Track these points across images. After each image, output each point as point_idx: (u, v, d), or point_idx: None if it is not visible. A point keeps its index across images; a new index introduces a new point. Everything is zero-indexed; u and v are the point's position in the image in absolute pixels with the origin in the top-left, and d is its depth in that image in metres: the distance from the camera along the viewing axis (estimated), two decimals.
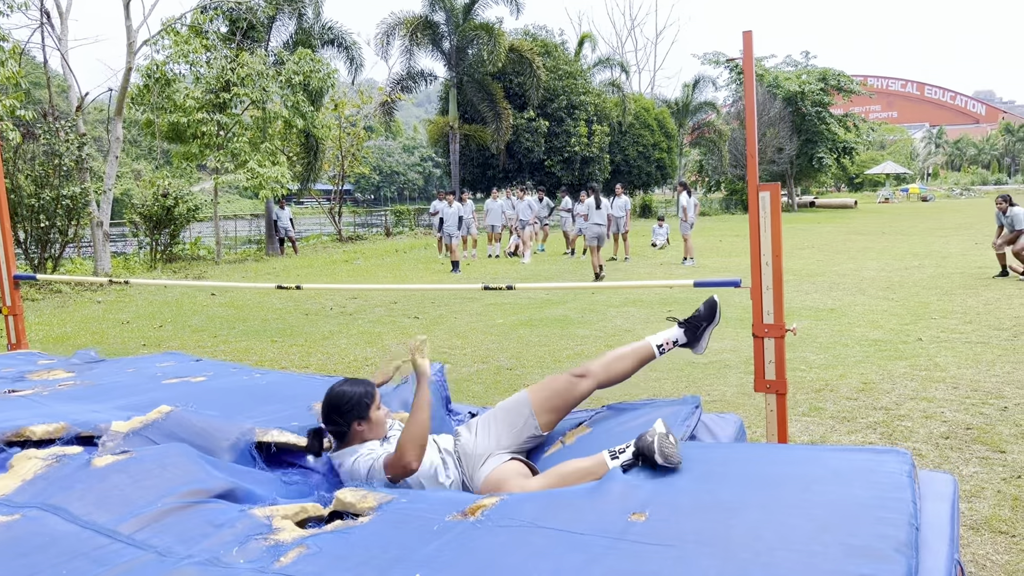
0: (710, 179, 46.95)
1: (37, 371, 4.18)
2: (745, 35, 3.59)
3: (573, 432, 3.24)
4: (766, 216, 3.43)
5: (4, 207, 5.35)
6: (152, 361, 4.47)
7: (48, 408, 3.24)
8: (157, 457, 2.53)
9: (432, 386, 3.20)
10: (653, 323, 9.42)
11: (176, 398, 3.43)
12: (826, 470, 2.37)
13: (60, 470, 2.48)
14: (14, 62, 12.73)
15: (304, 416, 3.30)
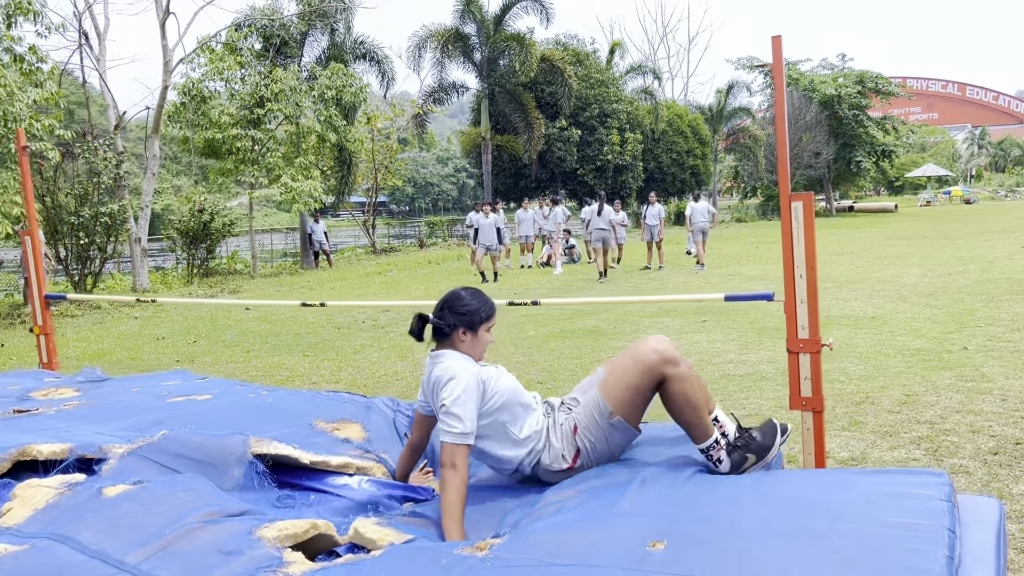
0: (746, 185, 46.47)
1: (43, 389, 4.18)
2: (774, 40, 3.46)
3: None
4: (799, 226, 3.30)
5: (35, 229, 5.39)
6: (158, 379, 4.45)
7: (53, 430, 3.22)
8: (168, 485, 2.48)
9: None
10: (687, 333, 9.26)
11: (180, 417, 3.40)
12: (858, 496, 2.23)
13: (71, 499, 2.45)
14: (52, 83, 12.96)
15: (306, 434, 3.24)
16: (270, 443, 2.89)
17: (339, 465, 3.02)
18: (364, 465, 3.11)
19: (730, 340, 8.72)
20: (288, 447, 2.92)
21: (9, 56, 12.39)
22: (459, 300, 2.99)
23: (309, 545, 2.28)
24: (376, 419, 3.58)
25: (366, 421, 3.53)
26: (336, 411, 3.59)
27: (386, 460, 3.23)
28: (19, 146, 5.31)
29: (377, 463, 3.18)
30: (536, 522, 2.36)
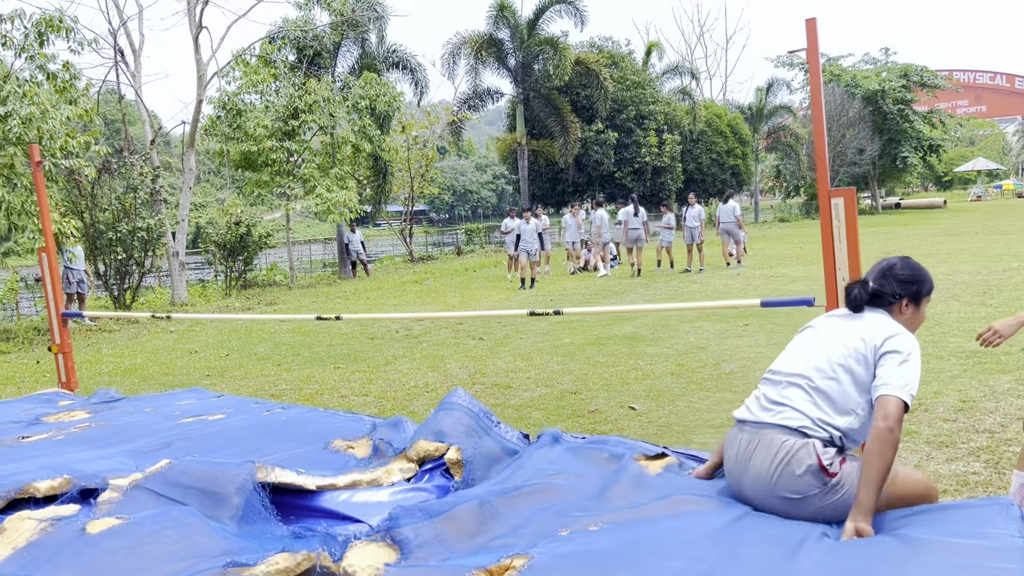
0: (788, 184, 45.60)
1: (55, 413, 4.08)
2: (808, 23, 3.19)
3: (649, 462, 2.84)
4: (840, 225, 3.02)
5: (51, 246, 5.31)
6: (172, 398, 4.37)
7: (56, 457, 3.08)
8: (156, 521, 2.30)
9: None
10: (728, 338, 8.93)
11: (189, 439, 3.26)
12: (919, 530, 1.95)
13: (53, 537, 2.29)
14: (87, 99, 13.07)
15: (320, 455, 3.05)
16: (274, 470, 2.70)
17: (347, 484, 2.84)
18: (374, 476, 2.92)
19: (773, 345, 8.37)
20: (293, 474, 2.72)
21: (43, 74, 12.52)
22: (916, 270, 2.73)
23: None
24: (397, 435, 3.39)
25: (384, 435, 3.35)
26: (353, 430, 3.44)
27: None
28: (33, 162, 5.22)
29: (389, 465, 2.99)
30: (563, 545, 2.11)
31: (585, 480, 2.66)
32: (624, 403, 6.49)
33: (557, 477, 2.67)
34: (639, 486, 2.60)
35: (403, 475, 3.00)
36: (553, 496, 2.54)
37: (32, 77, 12.68)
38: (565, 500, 2.52)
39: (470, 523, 2.32)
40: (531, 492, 2.56)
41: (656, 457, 2.89)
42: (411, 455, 3.11)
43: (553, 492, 2.57)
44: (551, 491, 2.58)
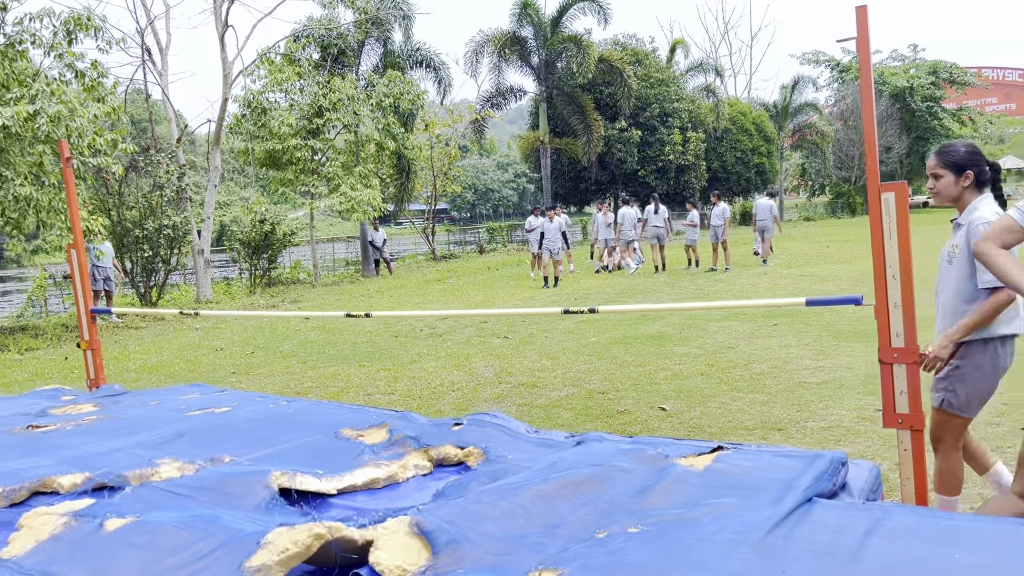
0: (813, 182, 45.18)
1: (61, 406, 4.08)
2: (859, 10, 3.07)
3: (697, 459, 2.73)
4: (891, 221, 2.90)
5: (80, 244, 5.28)
6: (176, 393, 4.37)
7: (71, 450, 3.05)
8: (170, 518, 2.25)
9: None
10: (758, 338, 8.78)
11: (198, 430, 3.24)
12: (998, 557, 1.84)
13: (73, 531, 2.27)
14: (114, 98, 13.13)
15: (331, 443, 2.99)
16: (294, 476, 2.63)
17: (365, 484, 2.78)
18: (391, 473, 2.86)
19: (804, 345, 8.22)
20: (314, 479, 2.65)
21: (71, 72, 12.59)
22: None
23: (322, 557, 2.01)
24: (408, 424, 3.33)
25: (394, 425, 3.29)
26: (361, 420, 3.41)
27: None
28: (63, 158, 5.20)
29: (405, 460, 2.92)
30: (597, 554, 2.02)
31: (628, 475, 2.56)
32: (654, 403, 6.38)
33: (599, 470, 2.57)
34: (684, 483, 2.50)
35: (418, 471, 2.93)
36: (592, 490, 2.44)
37: (61, 75, 12.76)
38: (604, 495, 2.42)
39: (503, 518, 2.22)
40: (569, 484, 2.46)
41: (707, 453, 2.79)
42: (432, 454, 3.04)
43: (592, 485, 2.47)
44: (590, 484, 2.48)
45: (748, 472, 2.57)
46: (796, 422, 5.56)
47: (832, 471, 2.54)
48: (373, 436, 3.20)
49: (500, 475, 2.71)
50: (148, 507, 2.39)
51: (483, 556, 2.04)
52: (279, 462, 2.88)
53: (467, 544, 2.07)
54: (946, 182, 3.33)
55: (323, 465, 2.88)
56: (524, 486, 2.42)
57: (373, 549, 2.03)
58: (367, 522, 2.22)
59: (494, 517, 2.23)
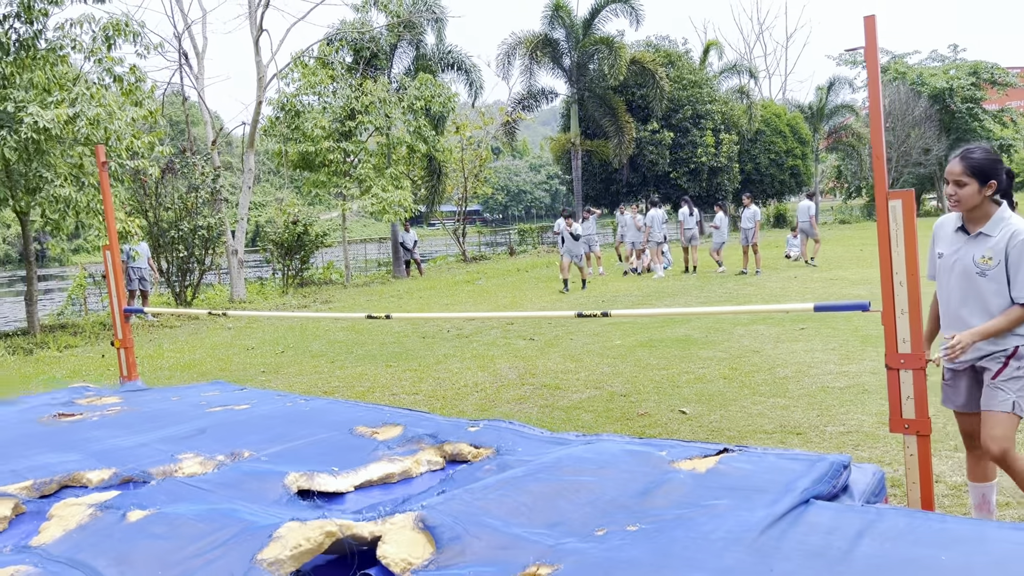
0: (849, 185, 44.62)
1: (85, 398, 4.25)
2: (867, 20, 3.10)
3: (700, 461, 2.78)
4: (898, 228, 2.92)
5: (115, 244, 5.45)
6: (196, 390, 4.53)
7: (98, 444, 3.19)
8: (189, 513, 2.35)
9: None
10: (784, 342, 8.75)
11: (221, 424, 3.37)
12: (985, 558, 1.87)
13: (99, 521, 2.39)
14: (152, 101, 13.45)
15: (346, 439, 3.10)
16: (312, 477, 2.73)
17: (381, 479, 2.87)
18: (405, 468, 2.95)
19: (830, 349, 8.19)
20: (331, 478, 2.75)
21: (110, 76, 12.92)
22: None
23: (334, 549, 2.10)
24: (424, 423, 3.42)
25: (408, 423, 3.38)
26: (375, 418, 3.52)
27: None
28: (99, 162, 5.38)
29: (418, 455, 3.01)
30: (594, 551, 2.08)
31: (630, 475, 2.62)
32: (675, 407, 6.41)
33: (602, 469, 2.64)
34: (685, 484, 2.55)
35: (431, 467, 3.02)
36: (594, 489, 2.51)
37: (100, 80, 13.10)
38: (606, 495, 2.48)
39: (506, 515, 2.30)
40: (571, 483, 2.53)
41: (713, 455, 2.84)
42: (447, 450, 3.12)
43: (595, 485, 2.54)
44: (592, 483, 2.54)
45: (749, 474, 2.62)
46: (816, 426, 5.56)
47: (832, 474, 2.58)
48: (387, 433, 3.30)
49: (506, 466, 2.79)
50: (171, 499, 2.50)
51: (484, 551, 2.12)
52: (295, 457, 2.99)
53: (469, 539, 2.15)
54: (970, 190, 3.17)
55: (338, 461, 2.98)
56: (527, 483, 2.50)
57: (381, 543, 2.12)
58: (376, 516, 2.31)
59: (497, 514, 2.31)
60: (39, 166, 12.28)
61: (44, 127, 11.51)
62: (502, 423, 3.34)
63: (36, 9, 12.37)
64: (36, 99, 12.22)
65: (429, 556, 2.04)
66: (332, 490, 2.69)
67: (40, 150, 12.09)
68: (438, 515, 2.18)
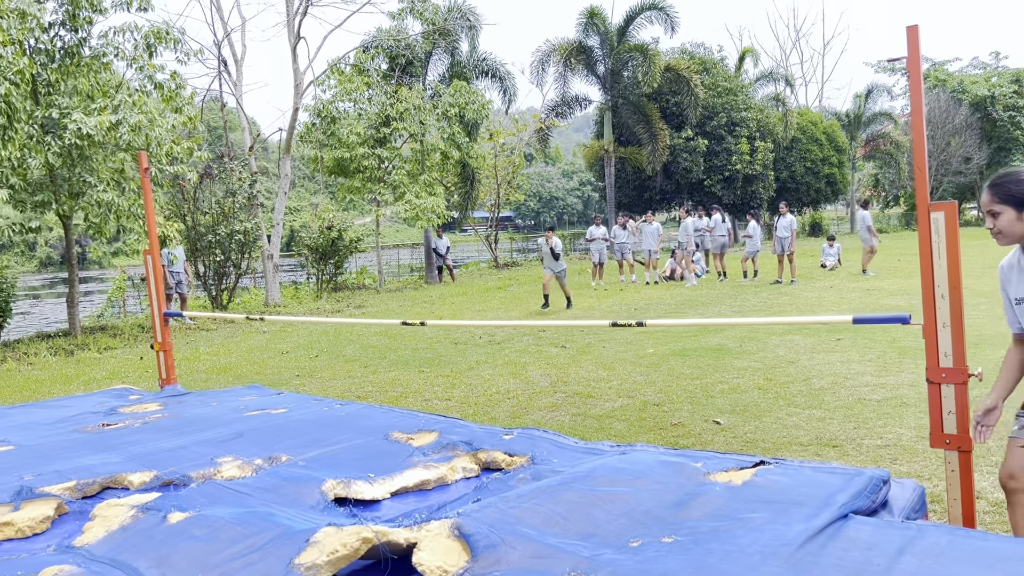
0: (887, 193, 44.00)
1: (129, 405, 4.33)
2: (909, 31, 3.06)
3: (736, 473, 2.76)
4: (940, 240, 2.88)
5: (155, 248, 5.55)
6: (235, 395, 4.59)
7: (138, 447, 3.25)
8: (228, 516, 2.39)
9: None
10: (820, 353, 8.65)
11: (256, 430, 3.42)
12: None
13: (140, 523, 2.44)
14: (191, 107, 13.69)
15: (382, 444, 3.12)
16: (349, 485, 2.75)
17: (416, 486, 2.89)
18: (440, 475, 2.97)
19: (867, 361, 8.07)
20: (367, 485, 2.77)
21: (151, 83, 13.19)
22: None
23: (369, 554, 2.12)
24: (460, 430, 3.43)
25: (443, 430, 3.40)
26: (410, 425, 3.54)
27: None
28: (141, 168, 5.48)
29: (453, 462, 3.02)
30: (629, 562, 2.07)
31: (665, 487, 2.61)
32: (708, 417, 6.36)
33: (637, 480, 2.63)
34: (721, 496, 2.53)
35: (465, 474, 3.03)
36: (628, 500, 2.50)
37: (142, 87, 13.36)
38: (640, 506, 2.47)
39: (541, 524, 2.30)
40: (606, 493, 2.52)
41: (749, 467, 2.81)
42: (481, 457, 3.13)
43: (629, 496, 2.53)
44: (627, 494, 2.53)
45: (786, 487, 2.59)
46: (852, 439, 5.48)
47: (872, 489, 2.55)
48: (422, 439, 3.32)
49: (541, 475, 2.79)
50: (210, 502, 2.54)
51: (519, 560, 2.12)
52: (332, 462, 3.02)
53: (504, 548, 2.16)
54: (1008, 219, 2.82)
55: (374, 467, 3.00)
56: (562, 493, 2.50)
57: (416, 550, 2.13)
58: (412, 523, 2.33)
59: (532, 523, 2.31)
60: (82, 171, 12.55)
61: (87, 133, 11.76)
62: (536, 432, 3.34)
63: (81, 17, 12.67)
64: (80, 106, 12.49)
65: (464, 564, 2.05)
66: (368, 498, 2.71)
67: (83, 155, 12.36)
68: (473, 523, 2.19)
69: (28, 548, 2.47)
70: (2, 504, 2.76)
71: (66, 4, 12.56)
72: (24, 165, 11.78)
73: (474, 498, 2.63)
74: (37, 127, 12.06)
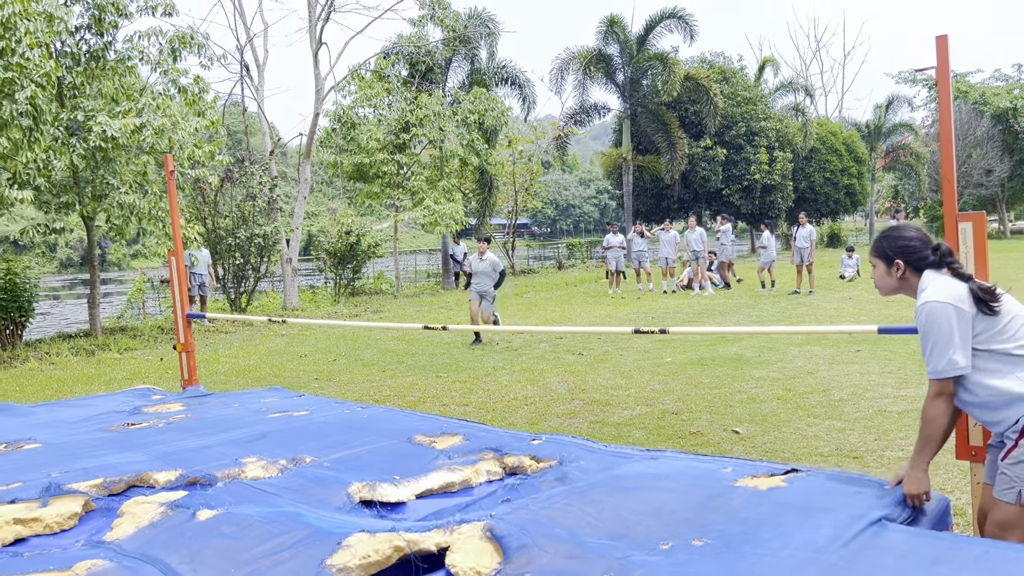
0: (907, 205, 43.69)
1: (152, 405, 4.37)
2: (939, 40, 3.06)
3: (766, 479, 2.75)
4: (968, 252, 2.87)
5: (179, 250, 5.61)
6: (257, 396, 4.63)
7: (163, 446, 3.29)
8: (256, 513, 2.41)
9: None
10: (839, 364, 8.60)
11: (279, 431, 3.46)
12: None
13: (170, 520, 2.47)
14: (213, 111, 13.82)
15: (405, 447, 3.14)
16: (375, 488, 2.77)
17: (441, 488, 2.90)
18: (465, 478, 2.98)
19: (887, 372, 8.02)
20: (392, 487, 2.79)
21: (175, 87, 13.33)
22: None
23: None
24: (481, 435, 3.44)
25: (467, 434, 3.41)
26: (432, 428, 3.56)
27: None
28: (167, 171, 5.54)
29: (478, 465, 3.03)
30: (661, 564, 2.07)
31: (695, 491, 2.61)
32: (727, 426, 6.34)
33: (667, 484, 2.63)
34: (751, 501, 2.53)
35: (490, 477, 3.03)
36: (657, 502, 2.50)
37: (165, 90, 13.51)
38: (668, 508, 2.47)
39: (572, 526, 2.30)
40: (635, 495, 2.53)
41: (780, 474, 2.80)
42: (507, 462, 3.14)
43: (658, 498, 2.53)
44: (656, 497, 2.54)
45: (818, 494, 2.59)
46: (873, 451, 5.45)
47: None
48: (445, 442, 3.34)
49: (569, 479, 2.80)
50: (237, 501, 2.57)
51: (551, 561, 2.13)
52: (356, 464, 3.04)
53: (536, 550, 2.17)
54: (879, 272, 2.93)
55: (398, 469, 3.01)
56: (592, 495, 2.50)
57: (449, 552, 2.15)
58: (440, 524, 2.35)
59: (563, 524, 2.32)
60: (106, 173, 12.70)
61: (112, 136, 11.90)
62: (565, 438, 3.36)
63: (107, 21, 12.83)
64: (105, 108, 12.64)
65: (497, 565, 2.06)
66: (394, 500, 2.73)
67: (107, 158, 12.50)
68: (505, 525, 2.20)
69: (57, 543, 2.50)
70: (31, 500, 2.79)
71: (92, 8, 12.73)
72: (49, 167, 11.92)
73: (502, 499, 2.64)
74: (62, 129, 12.21)
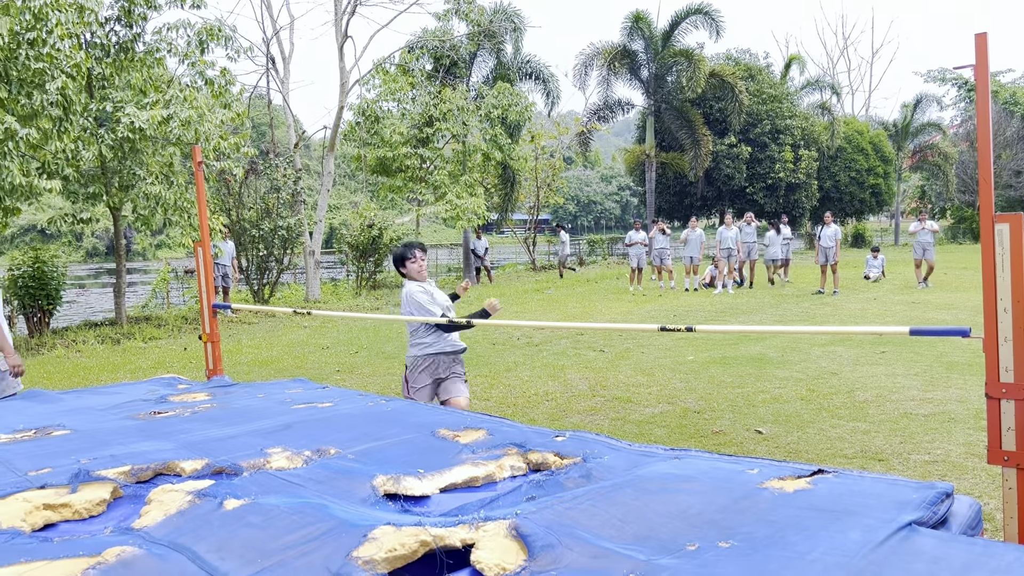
0: (934, 206, 43.17)
1: (178, 394, 4.42)
2: (978, 38, 3.01)
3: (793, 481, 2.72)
4: (1004, 253, 2.82)
5: (206, 240, 5.64)
6: (281, 387, 4.66)
7: (189, 435, 3.32)
8: (284, 503, 2.43)
9: None
10: (864, 365, 8.51)
11: (304, 422, 3.48)
12: None
13: (197, 508, 2.49)
14: (239, 104, 13.90)
15: (429, 440, 3.15)
16: (399, 481, 2.77)
17: (465, 483, 2.90)
18: (488, 472, 2.98)
19: (913, 375, 7.93)
20: (417, 481, 2.79)
21: (202, 79, 13.43)
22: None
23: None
24: (504, 430, 3.44)
25: (490, 428, 3.41)
26: (456, 422, 3.57)
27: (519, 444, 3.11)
28: (195, 162, 5.58)
29: (502, 460, 3.03)
30: (688, 567, 2.06)
31: (722, 492, 2.58)
32: (750, 426, 6.30)
33: (692, 485, 2.61)
34: (779, 502, 2.50)
35: (513, 472, 3.03)
36: (683, 503, 2.48)
37: (193, 82, 13.61)
38: (694, 509, 2.45)
39: (597, 526, 2.29)
40: (661, 496, 2.51)
41: (807, 476, 2.77)
42: (531, 458, 3.13)
43: (684, 499, 2.51)
44: (682, 497, 2.52)
45: (846, 496, 2.55)
46: (899, 454, 5.39)
47: (934, 501, 2.50)
48: (469, 436, 3.34)
49: (594, 477, 2.79)
50: (263, 491, 2.58)
51: (577, 561, 2.12)
52: (381, 457, 3.04)
53: (562, 549, 2.16)
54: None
55: (422, 462, 3.02)
56: (617, 495, 2.49)
57: (475, 549, 2.15)
58: (465, 519, 2.35)
59: (588, 524, 2.31)
60: (133, 164, 12.82)
61: (140, 127, 12.00)
62: (588, 435, 3.34)
63: (136, 13, 12.94)
64: (133, 100, 12.75)
65: (522, 563, 2.06)
66: (418, 494, 2.73)
67: (135, 149, 12.61)
68: (531, 524, 2.20)
69: (86, 529, 2.53)
70: (60, 486, 2.82)
71: (122, 0, 12.84)
72: (78, 157, 12.05)
73: (526, 495, 2.63)
74: (91, 120, 12.34)
